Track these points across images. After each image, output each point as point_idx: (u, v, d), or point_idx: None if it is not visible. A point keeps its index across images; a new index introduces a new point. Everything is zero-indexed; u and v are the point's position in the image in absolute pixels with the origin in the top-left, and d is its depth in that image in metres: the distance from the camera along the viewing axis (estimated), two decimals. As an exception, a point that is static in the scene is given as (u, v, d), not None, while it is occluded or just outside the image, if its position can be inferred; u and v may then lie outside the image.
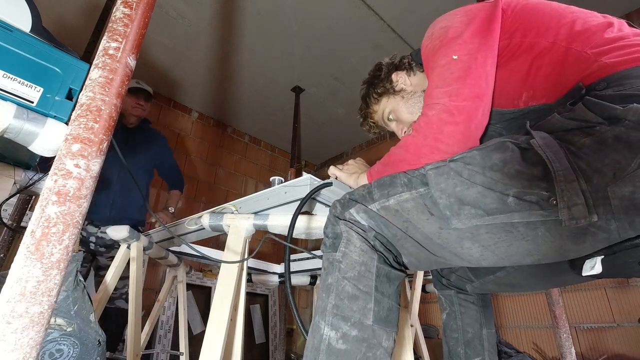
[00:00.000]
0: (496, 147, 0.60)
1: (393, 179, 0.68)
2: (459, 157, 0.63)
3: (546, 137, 0.57)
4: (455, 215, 0.60)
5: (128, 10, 0.47)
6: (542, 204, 0.54)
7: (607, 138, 0.53)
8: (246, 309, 0.95)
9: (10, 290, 0.34)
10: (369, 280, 0.63)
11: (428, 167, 0.65)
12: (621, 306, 1.95)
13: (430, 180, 0.63)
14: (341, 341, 0.59)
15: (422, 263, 0.71)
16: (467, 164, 0.61)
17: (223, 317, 0.85)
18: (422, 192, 0.64)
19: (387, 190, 0.67)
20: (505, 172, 0.57)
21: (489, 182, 0.58)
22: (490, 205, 0.57)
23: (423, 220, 0.64)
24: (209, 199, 3.25)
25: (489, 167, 0.58)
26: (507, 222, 0.57)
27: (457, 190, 0.60)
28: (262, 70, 2.89)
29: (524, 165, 0.56)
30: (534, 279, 0.84)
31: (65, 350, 0.89)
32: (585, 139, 0.55)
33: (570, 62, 0.65)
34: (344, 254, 0.65)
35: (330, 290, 0.63)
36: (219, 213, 1.03)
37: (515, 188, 0.56)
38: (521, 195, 0.55)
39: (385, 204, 0.66)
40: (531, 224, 0.56)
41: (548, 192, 0.54)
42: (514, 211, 0.56)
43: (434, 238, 0.64)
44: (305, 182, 0.88)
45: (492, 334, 0.95)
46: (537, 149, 0.56)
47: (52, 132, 0.50)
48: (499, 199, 0.57)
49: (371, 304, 0.61)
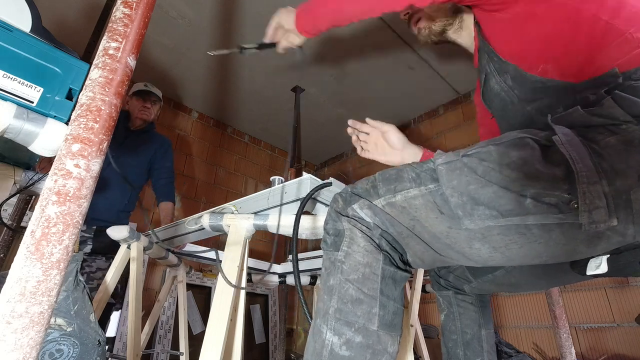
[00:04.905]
0: (514, 143, 0.56)
1: (400, 172, 0.63)
2: (473, 151, 0.58)
3: (569, 134, 0.53)
4: (467, 216, 0.56)
5: (128, 10, 0.47)
6: (561, 206, 0.51)
7: (634, 138, 0.50)
8: (246, 309, 0.95)
9: (10, 290, 0.34)
10: (374, 283, 0.59)
11: (439, 162, 0.60)
12: (621, 306, 1.95)
13: (442, 176, 0.58)
14: (345, 347, 0.56)
15: (425, 262, 0.67)
16: (482, 160, 0.56)
17: (223, 317, 0.85)
18: (431, 189, 0.59)
19: (394, 185, 0.62)
20: (525, 171, 0.53)
21: (506, 182, 0.54)
22: (506, 206, 0.54)
23: (432, 218, 0.59)
24: (209, 199, 3.25)
25: (506, 164, 0.54)
26: (522, 224, 0.53)
27: (471, 188, 0.56)
28: (262, 70, 2.89)
29: (544, 164, 0.53)
30: (534, 278, 0.83)
31: (65, 350, 0.89)
32: (610, 137, 0.51)
33: (608, 42, 0.59)
34: (347, 254, 0.61)
35: (333, 292, 0.60)
36: (219, 213, 1.03)
37: (534, 189, 0.52)
38: (540, 197, 0.52)
39: (392, 200, 0.62)
40: (546, 226, 0.53)
41: (569, 195, 0.51)
42: (530, 213, 0.52)
43: (441, 237, 0.60)
44: (305, 182, 0.88)
45: (490, 335, 0.94)
46: (559, 146, 0.53)
47: (52, 132, 0.50)
48: (515, 199, 0.53)
49: (376, 308, 0.58)
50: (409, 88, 2.99)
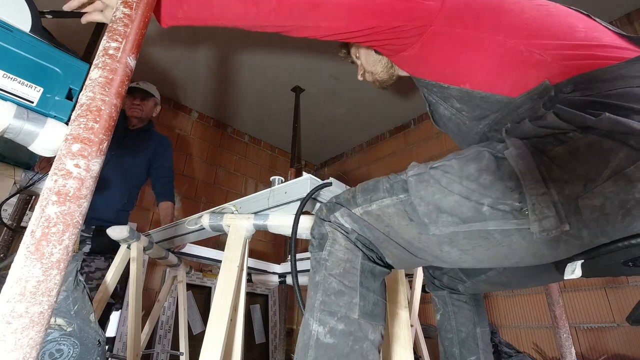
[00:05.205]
0: (473, 156, 0.61)
1: (376, 183, 0.70)
2: (439, 164, 0.64)
3: (520, 147, 0.57)
4: (433, 223, 0.62)
5: (128, 10, 0.47)
6: (515, 213, 0.56)
7: (579, 146, 0.53)
8: (246, 309, 0.95)
9: (10, 290, 0.34)
10: (354, 276, 0.65)
11: (410, 173, 0.66)
12: (621, 306, 1.95)
13: (411, 187, 0.64)
14: (329, 335, 0.61)
15: (404, 263, 0.73)
16: (445, 172, 0.62)
17: (223, 317, 0.85)
18: (402, 199, 0.65)
19: (370, 196, 0.69)
20: (481, 182, 0.58)
21: (466, 192, 0.59)
22: (466, 213, 0.59)
23: (403, 225, 0.65)
24: (209, 199, 3.25)
25: (465, 176, 0.60)
26: (483, 229, 0.58)
27: (436, 198, 0.61)
28: (262, 70, 2.89)
29: (498, 175, 0.57)
30: (525, 277, 0.85)
31: (65, 350, 0.89)
32: (559, 147, 0.55)
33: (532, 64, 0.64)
34: (330, 252, 0.68)
35: (318, 287, 0.66)
36: (219, 213, 1.03)
37: (490, 198, 0.57)
38: (495, 205, 0.57)
39: (368, 209, 0.68)
40: (506, 231, 0.57)
41: (520, 203, 0.55)
42: (488, 219, 0.57)
43: (414, 242, 0.66)
44: (305, 182, 0.88)
45: (485, 333, 0.96)
46: (509, 159, 0.57)
47: (52, 132, 0.50)
48: (474, 208, 0.58)
49: (356, 298, 0.64)
50: (409, 88, 2.99)
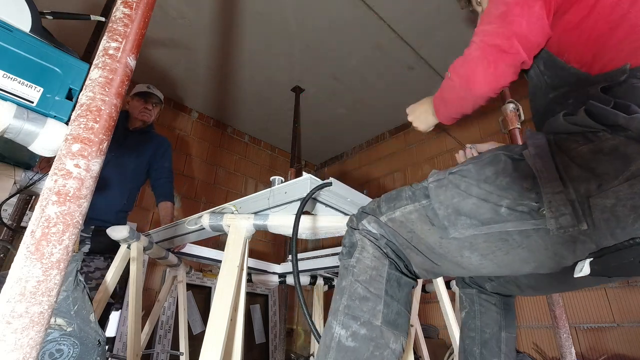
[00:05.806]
0: (490, 160, 0.63)
1: (399, 192, 0.73)
2: (457, 169, 0.66)
3: (540, 146, 0.58)
4: (452, 225, 0.63)
5: (128, 10, 0.47)
6: (533, 214, 0.56)
7: (603, 148, 0.53)
8: (246, 309, 0.95)
9: (10, 290, 0.34)
10: (380, 283, 0.67)
11: (430, 180, 0.69)
12: (621, 306, 1.95)
13: (431, 192, 0.67)
14: (350, 339, 0.62)
15: (428, 272, 0.74)
16: (463, 177, 0.64)
17: (223, 317, 0.85)
18: (424, 204, 0.68)
19: (394, 203, 0.72)
20: (498, 184, 0.60)
21: (483, 194, 0.61)
22: (485, 215, 0.60)
23: (426, 230, 0.67)
24: (209, 199, 3.25)
25: (483, 179, 0.62)
26: (502, 230, 0.59)
27: (455, 201, 0.63)
28: (262, 70, 2.89)
29: (515, 177, 0.59)
30: (554, 281, 0.84)
31: (65, 350, 0.89)
32: (583, 147, 0.55)
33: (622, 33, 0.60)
34: (358, 259, 0.70)
35: (343, 292, 0.68)
36: (219, 213, 1.03)
37: (507, 199, 0.58)
38: (513, 206, 0.58)
39: (392, 216, 0.71)
40: (524, 232, 0.58)
41: (537, 203, 0.56)
42: (507, 221, 0.58)
43: (435, 248, 0.67)
44: (305, 182, 0.88)
45: (511, 338, 0.94)
46: (527, 159, 0.58)
47: (52, 132, 0.50)
48: (492, 209, 0.59)
49: (380, 306, 0.65)
50: (409, 88, 2.99)
